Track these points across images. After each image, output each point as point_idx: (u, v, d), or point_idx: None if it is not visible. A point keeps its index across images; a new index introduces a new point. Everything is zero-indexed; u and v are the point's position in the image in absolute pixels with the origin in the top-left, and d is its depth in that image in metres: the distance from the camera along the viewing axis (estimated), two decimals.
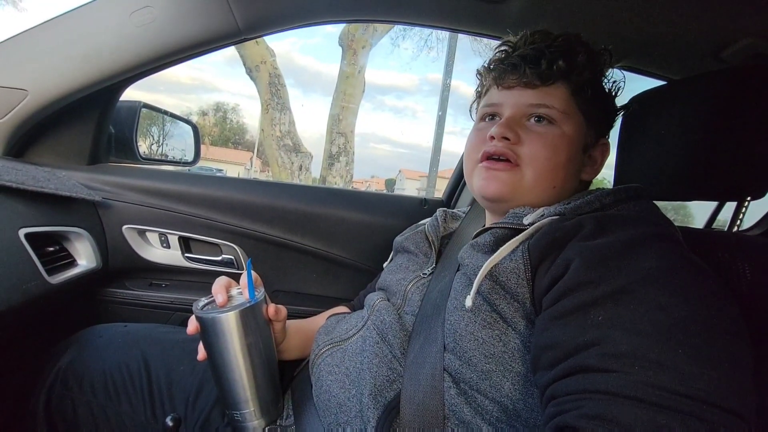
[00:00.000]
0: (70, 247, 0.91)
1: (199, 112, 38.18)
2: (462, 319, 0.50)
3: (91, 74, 0.86)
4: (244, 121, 40.39)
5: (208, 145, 33.24)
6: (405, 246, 0.76)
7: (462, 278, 0.55)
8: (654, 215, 0.51)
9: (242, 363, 0.55)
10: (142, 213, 1.03)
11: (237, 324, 0.54)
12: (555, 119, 0.57)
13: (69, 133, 0.98)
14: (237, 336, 0.54)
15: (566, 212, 0.51)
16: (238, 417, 0.57)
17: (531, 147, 0.57)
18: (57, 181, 0.88)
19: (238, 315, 0.54)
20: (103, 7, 0.83)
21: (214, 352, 0.55)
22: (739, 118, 0.63)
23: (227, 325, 0.54)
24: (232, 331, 0.54)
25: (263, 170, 29.23)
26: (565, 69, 0.57)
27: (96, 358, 0.70)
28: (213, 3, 0.82)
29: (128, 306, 1.03)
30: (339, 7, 0.90)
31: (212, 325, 0.54)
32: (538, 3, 0.86)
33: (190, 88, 67.85)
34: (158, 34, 0.84)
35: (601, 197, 0.53)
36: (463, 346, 0.49)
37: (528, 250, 0.48)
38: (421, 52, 9.47)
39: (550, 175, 0.57)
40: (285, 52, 75.37)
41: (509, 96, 0.60)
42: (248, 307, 0.55)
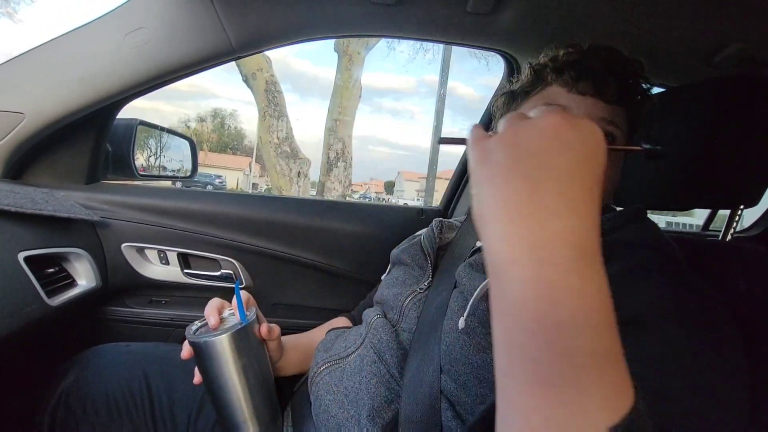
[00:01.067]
0: (70, 267, 0.91)
1: (197, 119, 38.26)
2: (457, 341, 0.50)
3: (87, 96, 0.86)
4: (242, 127, 40.51)
5: (207, 151, 33.29)
6: (401, 258, 0.76)
7: (459, 297, 0.55)
8: (654, 238, 0.52)
9: (238, 385, 0.56)
10: (141, 230, 1.03)
11: (230, 346, 0.55)
12: (617, 138, 0.56)
13: (66, 153, 0.98)
14: (231, 358, 0.55)
15: None
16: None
17: None
18: (55, 203, 0.88)
19: (230, 337, 0.54)
20: (98, 29, 0.83)
21: (209, 375, 0.56)
22: (732, 128, 0.63)
23: (220, 348, 0.54)
24: (225, 354, 0.55)
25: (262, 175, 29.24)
26: (635, 94, 0.57)
27: (98, 379, 0.70)
28: (206, 23, 0.83)
29: (129, 324, 1.03)
30: (332, 23, 0.91)
31: (205, 349, 0.54)
32: (529, 15, 0.86)
33: (189, 95, 68.04)
34: (153, 54, 0.85)
35: (603, 222, 0.53)
36: (458, 370, 0.49)
37: None
38: (417, 54, 9.49)
39: (606, 195, 0.57)
40: (281, 57, 75.62)
41: (581, 103, 0.56)
42: (240, 329, 0.56)
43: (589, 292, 0.24)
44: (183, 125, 34.97)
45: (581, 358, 0.23)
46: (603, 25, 0.90)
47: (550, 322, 0.23)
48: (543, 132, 0.26)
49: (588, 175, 0.26)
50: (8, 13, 13.91)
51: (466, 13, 0.87)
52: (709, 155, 0.64)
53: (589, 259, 0.25)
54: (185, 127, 34.23)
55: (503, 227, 0.26)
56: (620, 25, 0.90)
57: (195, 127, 35.72)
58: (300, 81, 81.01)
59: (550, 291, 0.24)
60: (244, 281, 1.11)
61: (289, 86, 79.11)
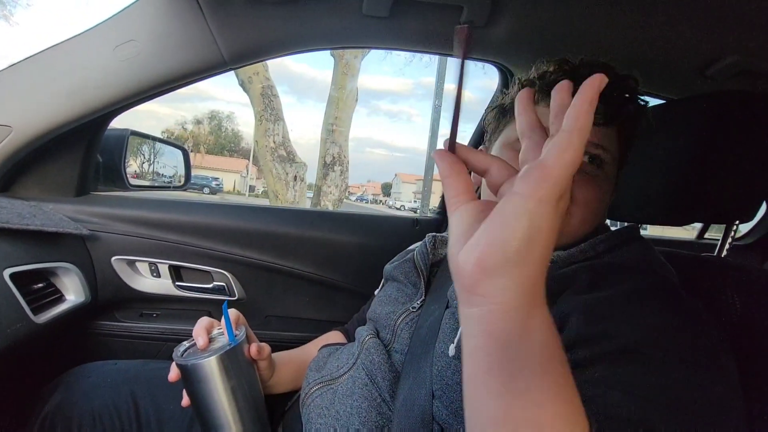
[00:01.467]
0: (58, 282, 0.89)
1: (194, 121, 38.17)
2: (449, 366, 0.49)
3: (76, 109, 0.85)
4: (239, 129, 40.49)
5: (204, 153, 33.22)
6: (394, 275, 0.75)
7: (451, 320, 0.54)
8: (648, 261, 0.51)
9: (227, 407, 0.55)
10: (132, 243, 1.02)
11: (218, 368, 0.54)
12: (605, 162, 0.54)
13: (56, 166, 0.97)
14: (219, 380, 0.54)
15: (558, 260, 0.51)
16: None
17: (584, 188, 0.52)
18: (43, 217, 0.87)
19: (218, 360, 0.53)
20: (87, 41, 0.82)
21: (197, 398, 0.55)
22: (728, 142, 0.63)
23: (207, 370, 0.53)
24: (213, 377, 0.53)
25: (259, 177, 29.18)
26: (626, 113, 0.54)
27: (84, 400, 0.69)
28: (197, 35, 0.82)
29: (119, 338, 1.01)
30: (325, 35, 0.90)
31: (192, 372, 0.53)
32: (523, 28, 0.86)
33: (185, 97, 67.90)
34: (143, 67, 0.84)
35: (595, 245, 0.53)
36: (450, 396, 0.48)
37: None
38: (414, 57, 9.50)
39: (596, 219, 0.55)
40: (279, 60, 75.61)
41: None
42: (228, 350, 0.55)
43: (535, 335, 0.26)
44: (180, 127, 34.90)
45: (532, 393, 0.25)
46: (598, 37, 0.89)
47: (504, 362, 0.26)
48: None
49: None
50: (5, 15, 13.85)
51: (460, 25, 0.86)
52: (705, 170, 0.64)
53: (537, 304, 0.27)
54: (182, 130, 34.15)
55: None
56: (615, 37, 0.90)
57: (192, 130, 35.64)
58: (297, 83, 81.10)
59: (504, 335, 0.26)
60: (237, 293, 1.10)
61: (286, 88, 79.17)
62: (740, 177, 0.63)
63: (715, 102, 0.64)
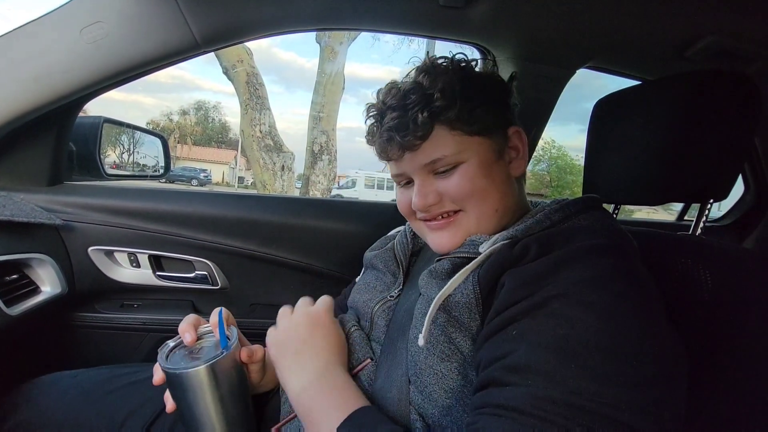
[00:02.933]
0: (32, 273, 0.87)
1: (180, 112, 37.38)
2: (421, 351, 0.50)
3: (43, 95, 0.82)
4: (226, 120, 39.77)
5: (191, 145, 32.61)
6: (374, 263, 0.75)
7: (421, 306, 0.54)
8: (600, 226, 0.51)
9: (214, 414, 0.52)
10: (109, 233, 0.99)
11: (208, 377, 0.50)
12: (457, 162, 0.56)
13: (26, 154, 0.94)
14: (208, 389, 0.51)
15: (518, 234, 0.51)
16: None
17: (456, 193, 0.57)
18: (13, 207, 0.84)
19: (208, 369, 0.50)
20: (52, 23, 0.79)
21: (183, 406, 0.52)
22: (703, 122, 0.63)
23: (197, 379, 0.50)
24: (202, 385, 0.50)
25: (248, 168, 28.85)
26: (431, 118, 0.55)
27: (44, 419, 0.65)
28: (168, 17, 0.79)
29: (99, 330, 1.00)
30: (301, 15, 0.88)
31: (180, 379, 0.50)
32: (502, 8, 0.85)
33: (171, 87, 66.31)
34: (112, 50, 0.81)
35: (551, 214, 0.53)
36: (424, 380, 0.48)
37: (478, 283, 0.48)
38: (403, 44, 9.40)
39: (486, 203, 0.57)
40: (266, 48, 74.05)
41: (404, 164, 0.59)
42: (220, 358, 0.51)
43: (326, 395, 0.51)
44: (166, 118, 34.11)
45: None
46: (576, 18, 0.89)
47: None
48: (296, 324, 0.59)
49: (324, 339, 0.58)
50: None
51: (439, 6, 0.85)
52: (679, 150, 0.64)
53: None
54: (168, 121, 33.43)
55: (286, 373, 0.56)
56: (593, 18, 0.89)
57: (178, 120, 34.89)
58: (285, 72, 79.66)
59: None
60: (219, 282, 1.09)
61: (274, 77, 77.65)
62: (713, 156, 0.63)
63: (689, 81, 0.64)
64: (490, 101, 0.58)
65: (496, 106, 0.60)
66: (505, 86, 0.62)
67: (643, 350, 0.36)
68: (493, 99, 0.60)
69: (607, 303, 0.38)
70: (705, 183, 0.66)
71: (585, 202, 0.55)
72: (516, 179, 0.62)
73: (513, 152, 0.61)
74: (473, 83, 0.58)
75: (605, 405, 0.33)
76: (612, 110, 0.75)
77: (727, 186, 0.70)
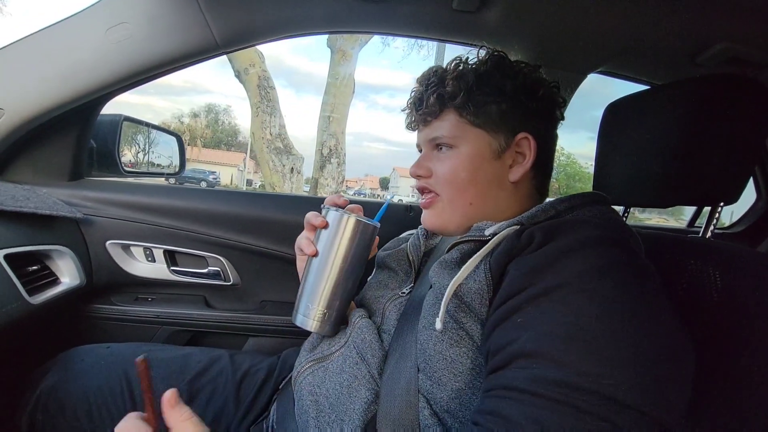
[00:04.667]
0: (53, 265, 0.90)
1: (191, 114, 37.89)
2: (430, 338, 0.51)
3: (67, 92, 0.85)
4: (236, 123, 40.20)
5: (201, 147, 33.02)
6: (386, 262, 0.76)
7: (431, 297, 0.56)
8: (605, 219, 0.52)
9: (338, 265, 0.59)
10: (126, 228, 1.02)
11: (353, 230, 0.58)
12: (452, 144, 0.61)
13: (49, 150, 0.97)
14: (347, 240, 0.58)
15: (524, 221, 0.53)
16: (302, 311, 0.61)
17: (438, 174, 0.63)
18: (37, 200, 0.87)
19: (358, 223, 0.58)
20: (79, 24, 0.82)
21: (325, 245, 0.59)
22: (713, 126, 0.64)
23: (348, 226, 0.58)
24: (347, 234, 0.58)
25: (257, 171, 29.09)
26: (439, 100, 0.61)
27: (78, 382, 0.70)
28: (190, 18, 0.82)
29: (114, 321, 1.02)
30: (318, 18, 0.90)
31: (337, 223, 0.58)
32: (512, 12, 0.86)
33: (182, 91, 67.26)
34: (135, 50, 0.84)
35: (556, 204, 0.54)
36: (433, 366, 0.49)
37: (490, 270, 0.49)
38: (412, 50, 9.47)
39: (459, 193, 0.61)
40: (276, 54, 74.97)
41: (419, 135, 0.67)
42: (368, 222, 0.59)
43: None
44: (177, 121, 34.65)
45: None
46: (588, 23, 0.90)
47: None
48: None
49: None
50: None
51: (452, 10, 0.87)
52: (690, 153, 0.65)
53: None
54: (179, 123, 33.92)
55: None
56: (605, 22, 0.90)
57: (189, 123, 35.40)
58: (294, 77, 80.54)
59: None
60: (231, 278, 1.11)
61: (284, 81, 78.56)
62: (723, 159, 0.64)
63: (700, 85, 0.65)
64: (506, 100, 0.60)
65: (512, 106, 0.61)
66: (534, 92, 0.62)
67: (644, 333, 0.37)
68: (511, 99, 0.60)
69: (608, 291, 0.39)
70: (715, 186, 0.67)
71: (591, 196, 0.56)
72: (514, 184, 0.62)
73: (520, 157, 0.62)
74: (493, 79, 0.61)
75: (609, 386, 0.34)
76: (623, 114, 0.76)
77: (737, 189, 0.70)
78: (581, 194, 0.56)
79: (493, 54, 0.63)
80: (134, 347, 0.81)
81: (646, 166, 0.70)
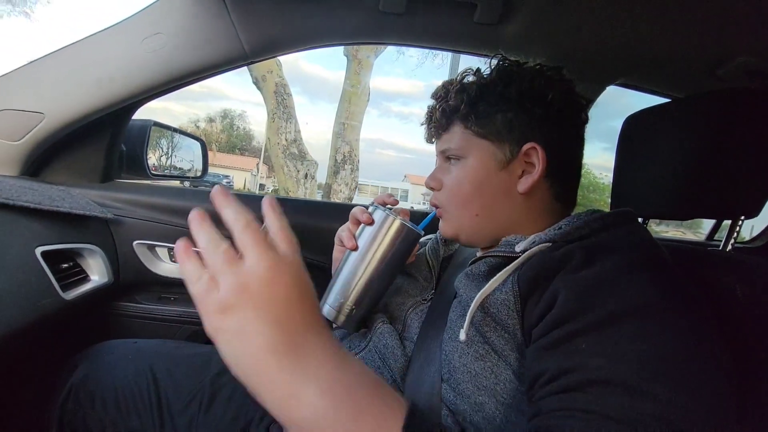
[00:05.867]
0: (83, 263, 0.94)
1: (207, 119, 38.60)
2: (455, 350, 0.51)
3: (104, 98, 0.89)
4: (250, 128, 40.75)
5: (215, 151, 33.53)
6: (406, 268, 0.78)
7: (457, 308, 0.56)
8: (642, 240, 0.52)
9: (375, 264, 0.60)
10: (152, 228, 1.06)
11: (396, 232, 0.60)
12: (460, 156, 0.63)
13: (83, 153, 1.02)
14: (388, 241, 0.60)
15: (556, 238, 0.52)
16: (330, 302, 0.62)
17: (446, 186, 0.65)
18: (71, 200, 0.91)
19: (402, 226, 0.60)
20: (117, 34, 0.86)
21: (366, 242, 0.61)
22: (735, 139, 0.64)
23: (392, 227, 0.59)
24: (389, 234, 0.60)
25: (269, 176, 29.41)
26: (444, 114, 0.64)
27: (107, 375, 0.73)
28: (221, 29, 0.86)
29: (138, 319, 1.06)
30: (342, 30, 0.93)
31: (382, 222, 0.60)
32: (533, 24, 0.88)
33: (199, 96, 68.49)
34: (168, 59, 0.88)
35: (590, 223, 0.53)
36: (457, 378, 0.50)
37: (518, 282, 0.49)
38: (426, 59, 9.53)
39: (463, 205, 0.63)
40: (293, 60, 76.06)
41: (435, 148, 0.69)
42: (413, 228, 0.60)
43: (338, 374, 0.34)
44: (193, 125, 35.35)
45: None
46: (607, 36, 0.91)
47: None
48: (268, 279, 0.33)
49: (309, 294, 0.36)
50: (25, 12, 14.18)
51: (473, 23, 0.89)
52: (710, 165, 0.65)
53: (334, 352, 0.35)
54: (195, 127, 34.57)
55: (272, 370, 0.32)
56: (625, 36, 0.91)
57: (204, 128, 36.07)
58: (309, 84, 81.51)
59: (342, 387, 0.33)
60: None
61: (298, 89, 79.52)
62: (745, 172, 0.64)
63: (721, 99, 0.66)
64: (511, 108, 0.59)
65: (518, 114, 0.59)
66: (542, 97, 0.59)
67: (714, 363, 0.37)
68: (517, 107, 0.59)
69: (674, 317, 0.39)
70: (736, 199, 0.67)
71: (624, 215, 0.56)
72: (525, 194, 0.60)
73: (530, 167, 0.60)
74: (496, 88, 0.60)
75: (689, 417, 0.34)
76: (642, 126, 0.76)
77: (759, 203, 0.70)
78: (613, 213, 0.56)
79: (501, 62, 0.63)
80: (159, 343, 0.84)
81: (667, 178, 0.70)
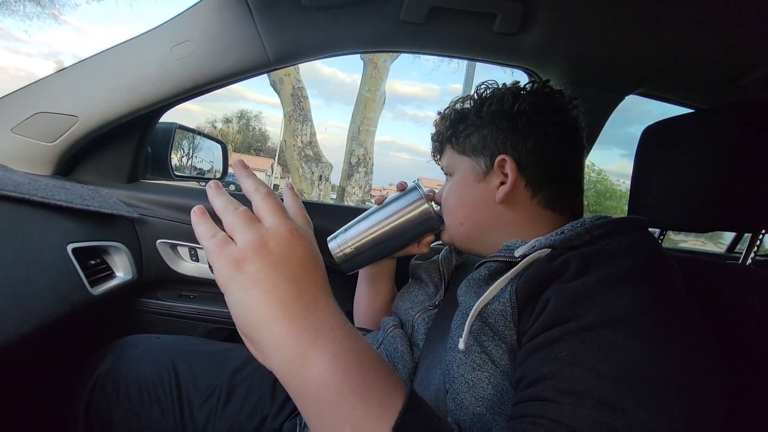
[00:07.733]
0: (110, 260, 0.98)
1: (224, 120, 39.27)
2: (454, 360, 0.51)
3: (134, 102, 0.93)
4: (266, 129, 41.32)
5: (231, 151, 34.06)
6: (418, 273, 0.79)
7: (458, 316, 0.56)
8: (643, 250, 0.50)
9: (385, 226, 0.69)
10: (175, 228, 1.09)
11: (420, 212, 0.68)
12: (450, 173, 0.71)
13: (111, 154, 1.06)
14: (410, 218, 0.68)
15: (557, 243, 0.51)
16: (338, 239, 0.71)
17: (441, 200, 0.72)
18: (100, 199, 0.95)
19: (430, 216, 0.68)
20: (148, 41, 0.90)
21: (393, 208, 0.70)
22: (758, 152, 0.63)
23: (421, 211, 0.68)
24: (415, 216, 0.68)
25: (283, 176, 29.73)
26: (438, 139, 0.73)
27: (132, 368, 0.76)
28: (246, 37, 0.89)
29: (160, 316, 1.09)
30: (363, 39, 0.95)
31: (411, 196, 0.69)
32: (555, 35, 0.89)
33: (217, 97, 69.83)
34: (196, 65, 0.91)
35: (592, 230, 0.52)
36: (456, 388, 0.50)
37: (515, 293, 0.48)
38: (442, 63, 9.55)
39: (450, 215, 0.69)
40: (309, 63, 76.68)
41: None
42: (438, 225, 0.70)
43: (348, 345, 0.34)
44: (210, 125, 36.02)
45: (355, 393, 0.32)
46: (627, 44, 0.91)
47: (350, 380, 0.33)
48: (287, 239, 0.36)
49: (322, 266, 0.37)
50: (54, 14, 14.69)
51: (492, 32, 0.90)
52: (733, 178, 0.64)
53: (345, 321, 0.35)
54: (212, 128, 35.22)
55: (284, 325, 0.33)
56: (645, 45, 0.91)
57: (221, 128, 36.73)
58: (325, 87, 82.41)
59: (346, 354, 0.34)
60: None
61: (314, 91, 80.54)
62: (766, 185, 0.63)
63: (743, 112, 0.65)
64: (485, 125, 0.65)
65: (492, 131, 0.64)
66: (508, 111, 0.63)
67: (699, 380, 0.36)
68: (490, 124, 0.65)
69: (657, 331, 0.38)
70: (757, 212, 0.66)
71: (629, 222, 0.54)
72: (505, 204, 0.63)
73: (506, 178, 0.62)
74: (473, 110, 0.68)
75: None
76: (663, 135, 0.76)
77: None
78: (617, 220, 0.54)
79: (478, 88, 0.70)
80: (179, 339, 0.87)
81: (687, 189, 0.70)
